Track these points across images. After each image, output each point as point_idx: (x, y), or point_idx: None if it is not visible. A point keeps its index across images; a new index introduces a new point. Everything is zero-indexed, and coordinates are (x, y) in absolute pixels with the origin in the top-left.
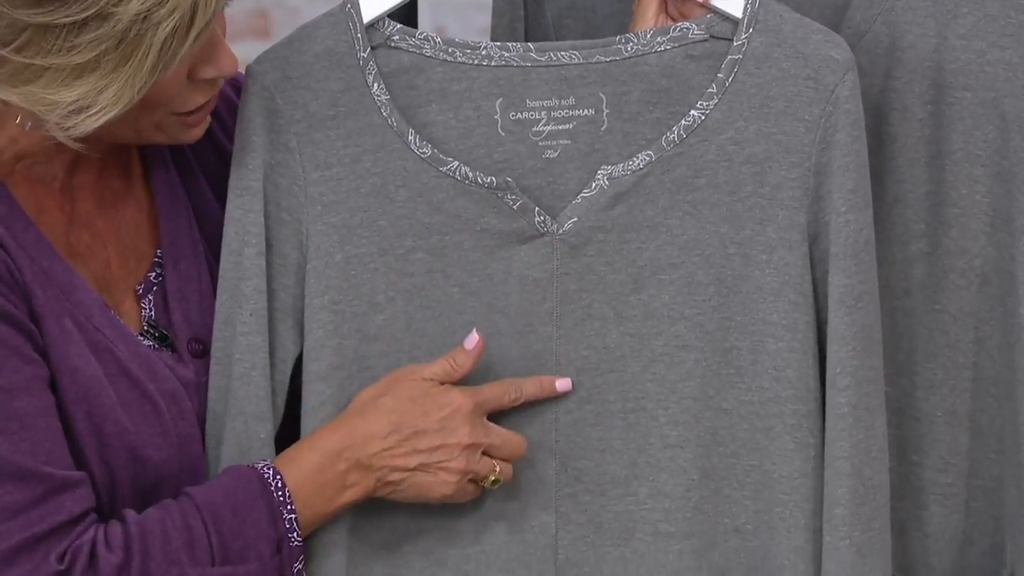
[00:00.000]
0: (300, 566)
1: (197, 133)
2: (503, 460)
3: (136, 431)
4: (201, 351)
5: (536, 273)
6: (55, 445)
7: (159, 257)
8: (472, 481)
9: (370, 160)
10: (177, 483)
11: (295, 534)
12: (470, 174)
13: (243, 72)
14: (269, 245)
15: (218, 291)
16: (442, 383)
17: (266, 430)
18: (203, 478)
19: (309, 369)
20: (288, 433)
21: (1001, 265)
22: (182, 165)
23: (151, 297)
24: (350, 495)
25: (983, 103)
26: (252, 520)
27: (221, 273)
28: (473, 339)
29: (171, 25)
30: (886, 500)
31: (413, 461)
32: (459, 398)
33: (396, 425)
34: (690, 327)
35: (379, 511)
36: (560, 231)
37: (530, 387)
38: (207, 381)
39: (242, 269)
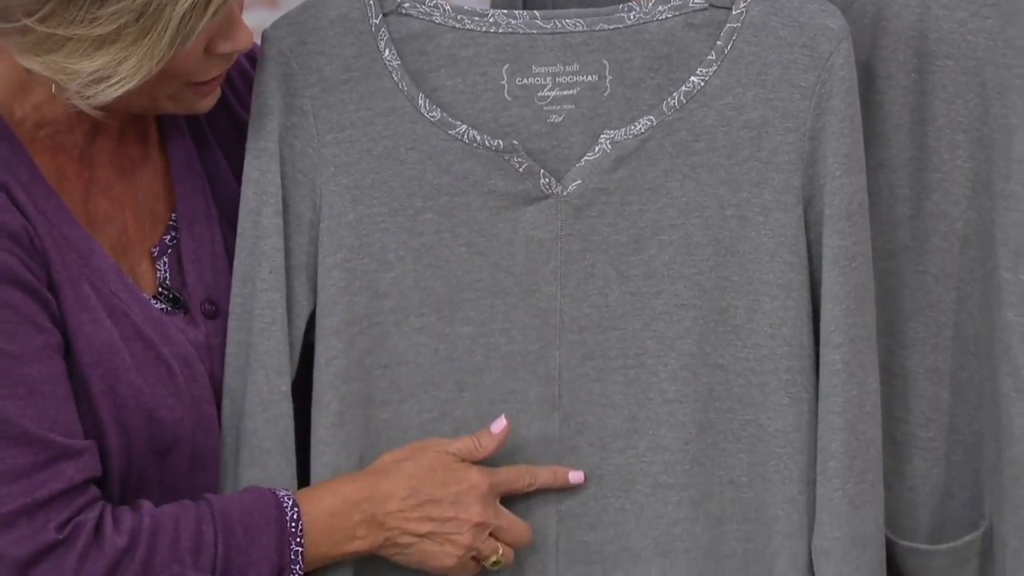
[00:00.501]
0: None
1: (209, 103)
2: (507, 544)
3: (151, 392)
4: (213, 312)
5: (541, 233)
6: (61, 413)
7: (174, 221)
8: (474, 559)
9: (382, 123)
10: (192, 443)
11: (297, 567)
12: (478, 137)
13: (257, 43)
14: (285, 205)
15: (236, 249)
16: (463, 459)
17: (286, 383)
18: (215, 437)
19: (322, 324)
20: (301, 383)
21: (981, 228)
22: (197, 133)
23: (166, 259)
24: (357, 546)
25: (965, 71)
26: (260, 542)
27: (240, 232)
28: (500, 424)
29: (190, 1)
30: (879, 453)
31: (424, 528)
32: (477, 476)
33: (414, 490)
34: (689, 286)
35: None
36: (564, 193)
37: (544, 476)
38: (219, 343)
39: (260, 228)
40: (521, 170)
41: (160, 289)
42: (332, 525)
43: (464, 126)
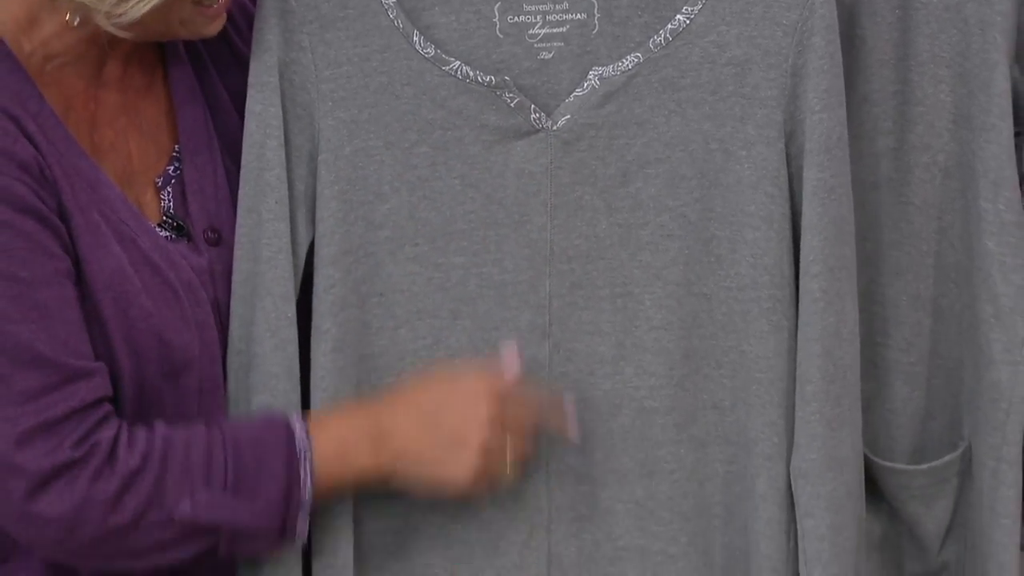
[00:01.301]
0: (302, 524)
1: (217, 26)
2: (517, 435)
3: (159, 316)
4: (216, 239)
5: (531, 166)
6: (73, 336)
7: (177, 152)
8: (486, 474)
9: (377, 59)
10: (200, 366)
11: (305, 488)
12: (470, 73)
13: None
14: (286, 138)
15: (241, 181)
16: (475, 384)
17: (292, 310)
18: (219, 364)
19: (320, 254)
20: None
21: (963, 160)
22: (198, 64)
23: (170, 189)
24: (364, 464)
25: (947, 7)
26: (268, 462)
27: (244, 164)
28: (511, 354)
29: None
30: (855, 379)
31: (434, 438)
32: (482, 383)
33: (426, 413)
34: (674, 217)
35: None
36: (554, 127)
37: (556, 420)
38: (221, 270)
39: (264, 160)
40: (512, 105)
41: (164, 218)
42: (341, 450)
43: (457, 62)
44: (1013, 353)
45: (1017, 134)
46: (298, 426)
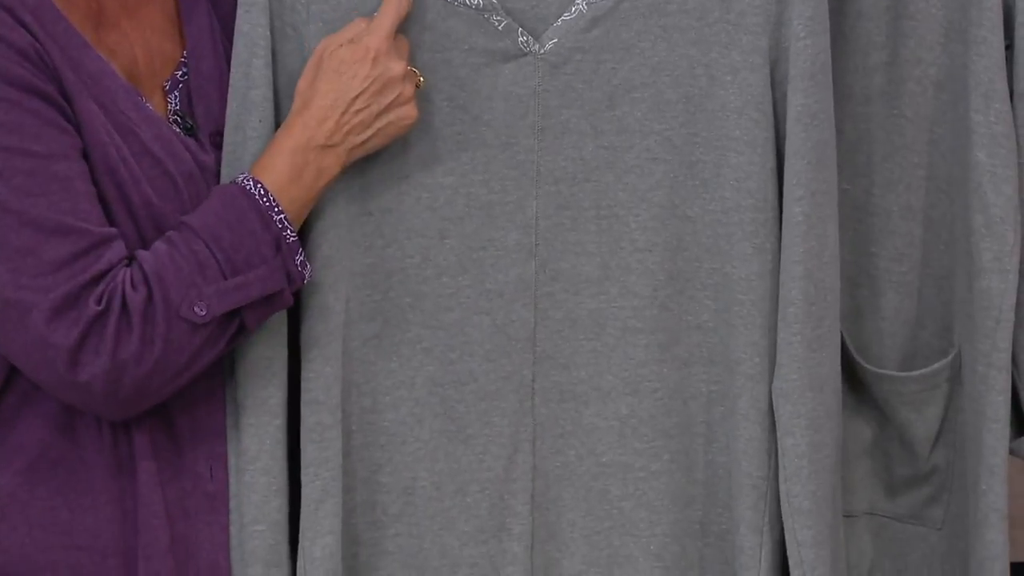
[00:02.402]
0: (301, 258)
1: None
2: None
3: (159, 205)
4: (221, 142)
5: (519, 89)
6: (92, 205)
7: (184, 58)
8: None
9: None
10: None
11: (288, 231)
12: None
13: None
14: (275, 58)
15: (228, 99)
16: (352, 38)
17: None
18: None
19: None
20: None
21: (954, 73)
22: None
23: (177, 93)
24: (328, 175)
25: None
26: (247, 230)
27: (231, 83)
28: None
29: None
30: (836, 300)
31: (369, 116)
32: (372, 41)
33: (335, 99)
34: (660, 141)
35: (371, 304)
36: (541, 51)
37: None
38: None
39: (250, 79)
40: (500, 28)
41: (173, 116)
42: (296, 178)
43: None
44: (1003, 262)
45: (1007, 47)
46: (248, 182)
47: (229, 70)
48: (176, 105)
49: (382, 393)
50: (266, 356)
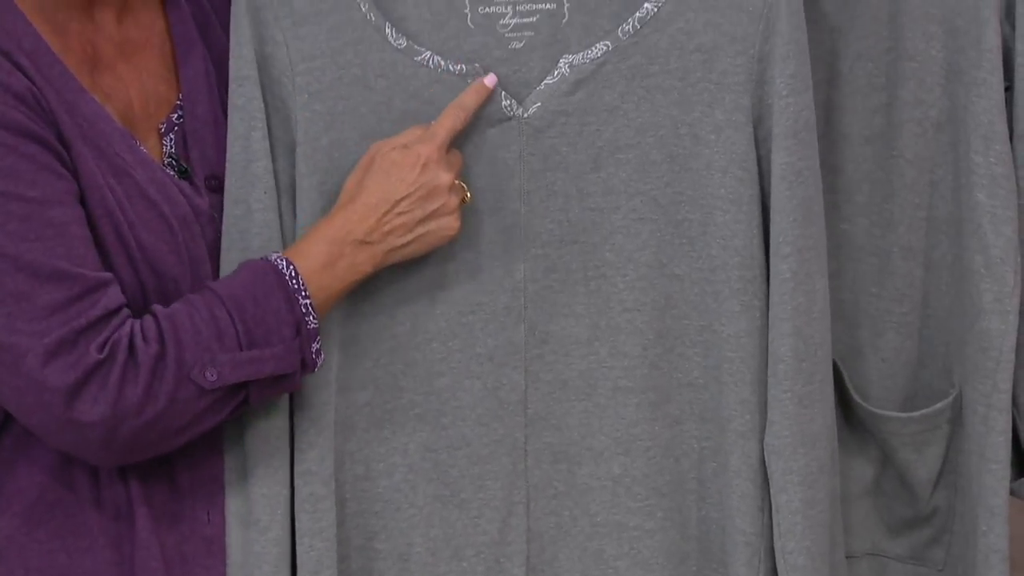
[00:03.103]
0: (317, 346)
1: None
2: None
3: (154, 249)
4: (216, 186)
5: (504, 153)
6: (87, 251)
7: (180, 101)
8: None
9: (351, 52)
10: None
11: (311, 317)
12: (442, 63)
13: None
14: (268, 130)
15: (227, 173)
16: (406, 143)
17: None
18: None
19: None
20: None
21: (954, 114)
22: (201, 16)
23: (172, 136)
24: (360, 272)
25: None
26: (272, 307)
27: (229, 157)
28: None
29: None
30: (827, 356)
31: (411, 221)
32: (424, 149)
33: (380, 199)
34: (645, 201)
35: (362, 372)
36: (526, 115)
37: (469, 100)
38: (221, 216)
39: (251, 152)
40: None
41: (168, 160)
42: (329, 268)
43: (428, 52)
44: (1003, 303)
45: (1006, 88)
46: (281, 262)
47: (225, 114)
48: (171, 148)
49: (375, 460)
50: (275, 424)
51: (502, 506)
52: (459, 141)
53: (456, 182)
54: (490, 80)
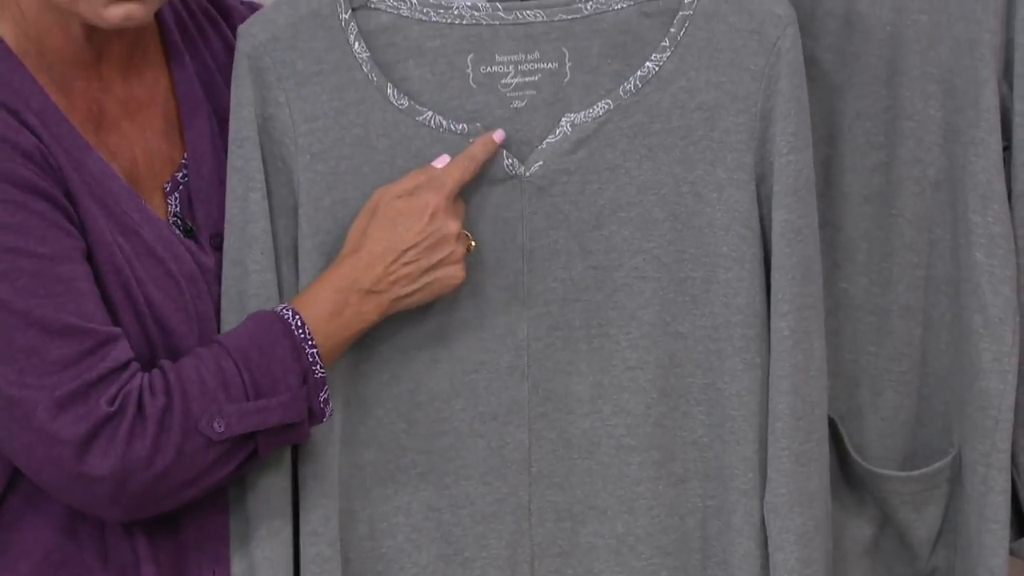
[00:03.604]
0: (325, 396)
1: (116, 12)
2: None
3: (162, 305)
4: (221, 244)
5: (507, 212)
6: (96, 306)
7: (185, 160)
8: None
9: (353, 112)
10: None
11: (318, 366)
12: (444, 123)
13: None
14: (268, 190)
15: (225, 234)
16: (411, 191)
17: None
18: None
19: None
20: None
21: (952, 174)
22: (205, 74)
23: (177, 195)
24: (366, 321)
25: (937, 25)
26: (278, 357)
27: (228, 218)
28: (443, 160)
29: None
30: (823, 415)
31: (417, 270)
32: (431, 197)
33: (387, 248)
34: (648, 260)
35: (365, 431)
36: (528, 174)
37: (477, 152)
38: None
39: (248, 213)
40: None
41: (173, 219)
42: (335, 317)
43: (430, 112)
44: (1002, 362)
45: (1005, 148)
46: (287, 312)
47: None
48: (176, 207)
49: (379, 520)
50: (278, 485)
51: (506, 565)
52: (462, 199)
53: (462, 231)
54: (498, 135)
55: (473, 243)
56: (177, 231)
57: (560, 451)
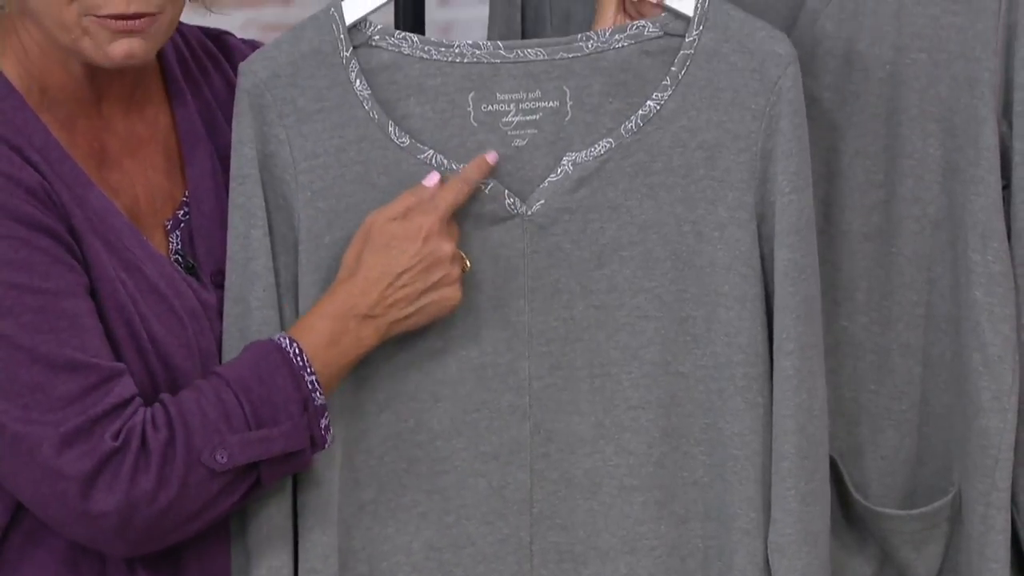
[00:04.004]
0: (326, 423)
1: (120, 51)
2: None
3: (165, 342)
4: (223, 282)
5: (508, 251)
6: (100, 342)
7: (186, 198)
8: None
9: (354, 150)
10: None
11: (318, 393)
12: (445, 161)
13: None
14: (270, 227)
15: (227, 271)
16: (404, 214)
17: None
18: None
19: None
20: None
21: (952, 212)
22: (207, 112)
23: (179, 232)
24: (365, 346)
25: (936, 64)
26: (278, 386)
27: (229, 255)
28: (433, 178)
29: None
30: (826, 453)
31: (413, 293)
32: (426, 221)
33: (382, 272)
34: (650, 299)
35: (366, 469)
36: (529, 213)
37: (471, 173)
38: None
39: (250, 250)
40: (487, 191)
41: (174, 256)
42: (333, 344)
43: (431, 151)
44: (1002, 401)
45: (1004, 187)
46: (284, 341)
47: None
48: (177, 244)
49: (379, 559)
50: (279, 522)
51: None
52: (463, 239)
53: (457, 252)
54: (491, 157)
55: (468, 263)
56: (179, 268)
57: (562, 491)
